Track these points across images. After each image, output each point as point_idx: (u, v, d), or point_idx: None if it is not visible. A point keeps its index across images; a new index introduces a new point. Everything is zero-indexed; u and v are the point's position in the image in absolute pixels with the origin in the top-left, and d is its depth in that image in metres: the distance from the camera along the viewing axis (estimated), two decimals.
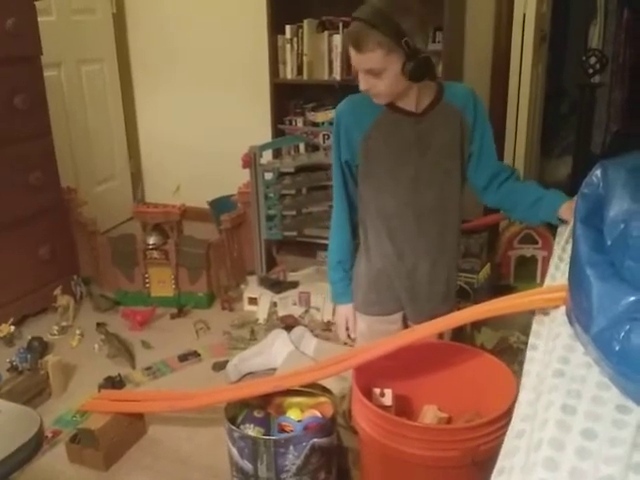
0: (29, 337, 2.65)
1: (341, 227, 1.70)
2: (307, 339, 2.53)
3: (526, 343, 1.23)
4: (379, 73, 1.45)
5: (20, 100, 2.75)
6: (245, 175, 3.03)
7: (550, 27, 3.74)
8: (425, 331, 1.52)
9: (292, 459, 1.64)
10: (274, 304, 2.93)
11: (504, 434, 0.98)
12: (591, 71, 4.24)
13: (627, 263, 0.88)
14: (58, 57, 3.48)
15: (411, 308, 1.72)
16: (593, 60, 4.21)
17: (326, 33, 3.23)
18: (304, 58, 3.27)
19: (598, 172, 1.05)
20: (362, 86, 1.50)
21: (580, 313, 0.94)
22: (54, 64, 3.44)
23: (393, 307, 1.73)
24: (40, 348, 2.59)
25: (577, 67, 4.38)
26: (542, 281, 1.48)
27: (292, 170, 3.10)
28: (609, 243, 0.94)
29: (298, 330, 2.56)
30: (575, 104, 4.78)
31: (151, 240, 3.02)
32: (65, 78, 3.63)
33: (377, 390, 1.64)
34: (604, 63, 4.22)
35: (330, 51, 3.24)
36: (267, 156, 3.18)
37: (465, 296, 2.70)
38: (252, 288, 3.06)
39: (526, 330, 2.26)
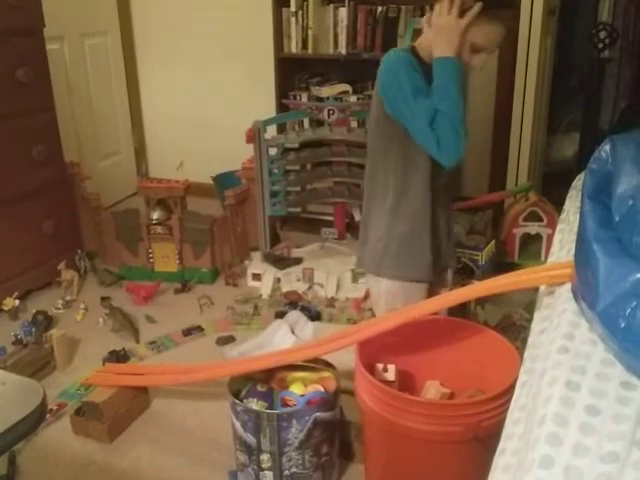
0: (34, 311, 2.66)
1: None
2: (302, 323, 2.50)
3: (529, 320, 1.23)
4: None
5: (22, 73, 2.72)
6: (249, 150, 3.01)
7: (560, 1, 3.68)
8: (429, 307, 1.52)
9: (295, 433, 1.66)
10: (278, 280, 2.94)
11: (506, 410, 0.98)
12: (601, 46, 4.18)
13: (635, 239, 0.87)
14: (61, 30, 3.44)
15: (435, 271, 1.78)
16: (603, 34, 4.14)
17: (332, 6, 3.18)
18: (309, 32, 3.22)
19: (607, 147, 1.04)
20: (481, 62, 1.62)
21: (586, 290, 0.93)
22: (57, 37, 3.40)
23: (424, 273, 1.77)
24: (45, 322, 2.60)
25: (586, 42, 4.32)
26: (547, 259, 1.47)
27: (296, 146, 3.08)
28: (617, 219, 0.93)
29: (292, 315, 2.54)
30: (583, 79, 4.72)
31: (155, 215, 3.02)
32: (68, 51, 3.59)
33: (380, 365, 1.64)
34: (614, 38, 4.16)
35: (335, 24, 3.19)
36: (271, 131, 3.16)
37: (469, 273, 2.70)
38: (256, 264, 3.06)
39: (529, 307, 2.26)
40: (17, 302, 2.72)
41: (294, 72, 3.41)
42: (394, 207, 1.73)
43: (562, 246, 1.38)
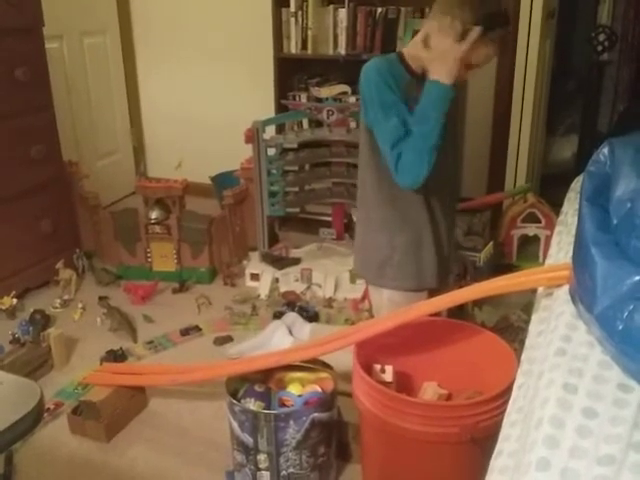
0: (31, 310, 2.65)
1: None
2: (299, 325, 2.50)
3: (527, 322, 1.23)
4: None
5: (21, 72, 2.72)
6: (248, 150, 3.01)
7: (559, 3, 3.68)
8: (427, 308, 1.52)
9: (292, 433, 1.66)
10: (276, 280, 2.93)
11: (504, 411, 0.98)
12: (600, 48, 4.19)
13: (633, 243, 0.87)
14: (60, 29, 3.44)
15: (438, 279, 1.77)
16: (602, 37, 4.15)
17: (331, 7, 3.18)
18: (309, 32, 3.22)
19: (605, 150, 1.04)
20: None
21: (584, 292, 0.94)
22: (56, 36, 3.40)
23: (428, 281, 1.76)
24: (42, 321, 2.60)
25: (585, 45, 4.32)
26: (544, 260, 1.47)
27: (295, 146, 3.07)
28: (615, 222, 0.93)
29: (289, 317, 2.54)
30: (582, 82, 4.73)
31: (153, 215, 3.01)
32: (67, 50, 3.59)
33: (378, 366, 1.64)
34: (613, 40, 4.16)
35: (335, 25, 3.18)
36: (270, 131, 3.16)
37: (467, 274, 2.70)
38: (254, 264, 3.06)
39: (527, 309, 2.26)
40: (15, 301, 2.72)
41: (293, 72, 3.41)
42: (390, 216, 1.71)
43: (560, 248, 1.38)
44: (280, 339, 2.40)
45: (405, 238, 1.72)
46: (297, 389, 1.81)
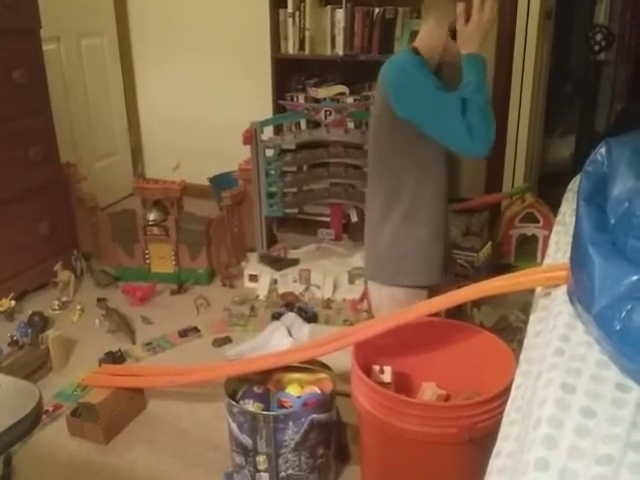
0: (30, 312, 2.65)
1: None
2: (298, 325, 2.51)
3: (525, 322, 1.23)
4: None
5: (19, 74, 2.72)
6: (246, 151, 3.01)
7: (555, 4, 3.68)
8: (426, 309, 1.52)
9: (291, 434, 1.66)
10: (274, 281, 2.93)
11: (502, 412, 0.98)
12: (597, 48, 4.19)
13: (630, 242, 0.87)
14: (57, 31, 3.44)
15: (442, 273, 1.79)
16: (599, 37, 4.15)
17: (329, 7, 3.18)
18: (306, 33, 3.22)
19: (602, 150, 1.04)
20: None
21: (582, 292, 0.94)
22: (53, 38, 3.40)
23: (435, 276, 1.78)
24: (41, 323, 2.59)
25: (582, 45, 4.33)
26: (543, 260, 1.47)
27: (293, 147, 3.08)
28: (612, 222, 0.93)
29: (288, 318, 2.54)
30: (579, 82, 4.73)
31: (151, 216, 3.01)
32: (64, 52, 3.59)
33: (376, 367, 1.65)
34: (611, 40, 4.17)
35: (333, 26, 3.18)
36: (268, 132, 3.16)
37: (465, 274, 2.70)
38: (252, 265, 3.06)
39: (525, 309, 2.26)
40: (13, 303, 2.72)
41: (291, 73, 3.40)
42: (408, 213, 1.73)
43: (558, 248, 1.38)
44: (279, 340, 2.40)
45: (422, 233, 1.74)
46: (296, 390, 1.81)
